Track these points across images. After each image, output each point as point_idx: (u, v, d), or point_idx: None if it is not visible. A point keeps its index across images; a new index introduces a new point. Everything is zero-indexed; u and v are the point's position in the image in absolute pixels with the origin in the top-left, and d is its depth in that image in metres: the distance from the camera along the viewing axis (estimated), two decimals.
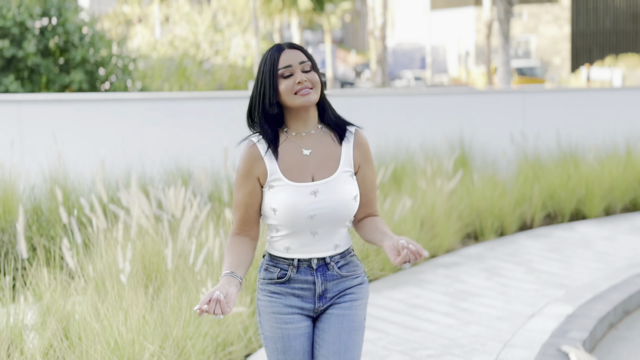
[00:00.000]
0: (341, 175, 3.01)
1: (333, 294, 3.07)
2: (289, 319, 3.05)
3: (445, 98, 11.36)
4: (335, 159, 3.02)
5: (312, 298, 3.06)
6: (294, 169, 2.99)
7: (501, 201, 8.94)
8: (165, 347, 4.41)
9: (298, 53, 2.98)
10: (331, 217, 2.98)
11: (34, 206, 7.35)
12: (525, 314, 6.11)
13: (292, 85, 2.95)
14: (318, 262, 3.04)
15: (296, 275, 3.04)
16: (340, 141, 3.05)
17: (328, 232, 3.02)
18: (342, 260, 3.08)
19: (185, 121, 9.26)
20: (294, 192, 2.96)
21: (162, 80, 29.21)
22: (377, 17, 21.64)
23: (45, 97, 9.03)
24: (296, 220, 2.96)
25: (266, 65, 2.98)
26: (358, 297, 3.09)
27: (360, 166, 3.07)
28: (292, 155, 3.00)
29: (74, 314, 4.63)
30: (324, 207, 2.96)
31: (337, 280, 3.07)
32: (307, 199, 2.95)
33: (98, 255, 5.38)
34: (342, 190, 2.99)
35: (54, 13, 14.14)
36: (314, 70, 2.99)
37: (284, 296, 3.05)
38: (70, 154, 8.31)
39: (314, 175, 3.00)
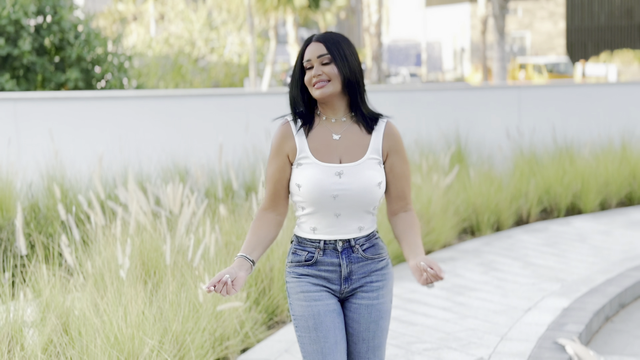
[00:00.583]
0: (367, 161, 3.10)
1: (359, 276, 3.16)
2: (318, 296, 3.14)
3: (441, 94, 11.40)
4: (364, 146, 3.11)
5: (338, 280, 3.16)
6: (323, 149, 3.10)
7: (497, 196, 8.97)
8: (164, 342, 4.44)
9: (320, 46, 3.09)
10: (354, 199, 3.07)
11: (32, 204, 7.37)
12: (522, 308, 6.15)
13: (310, 78, 3.09)
14: (343, 245, 3.13)
15: (322, 257, 3.14)
16: (370, 130, 3.13)
17: (351, 215, 3.10)
18: (367, 242, 3.17)
19: (182, 118, 9.28)
20: (319, 170, 3.07)
21: (158, 78, 29.21)
22: (372, 14, 21.66)
23: (42, 95, 9.04)
24: (319, 198, 3.06)
25: (298, 57, 3.14)
26: (384, 285, 3.19)
27: (389, 155, 3.15)
28: (322, 137, 3.12)
29: (74, 310, 4.65)
30: (347, 188, 3.06)
31: (362, 262, 3.16)
32: (332, 179, 3.06)
33: (97, 251, 5.41)
34: (367, 175, 3.08)
35: (49, 11, 14.14)
36: (335, 63, 3.07)
37: (312, 277, 3.16)
38: (67, 152, 8.33)
39: (341, 158, 3.10)
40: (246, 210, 6.99)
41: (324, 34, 3.14)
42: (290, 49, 33.84)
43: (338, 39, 3.12)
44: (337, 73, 3.08)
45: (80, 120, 8.81)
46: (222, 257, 5.70)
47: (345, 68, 3.08)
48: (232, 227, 6.38)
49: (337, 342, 3.14)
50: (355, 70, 3.12)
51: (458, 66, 51.34)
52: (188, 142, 9.03)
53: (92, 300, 4.62)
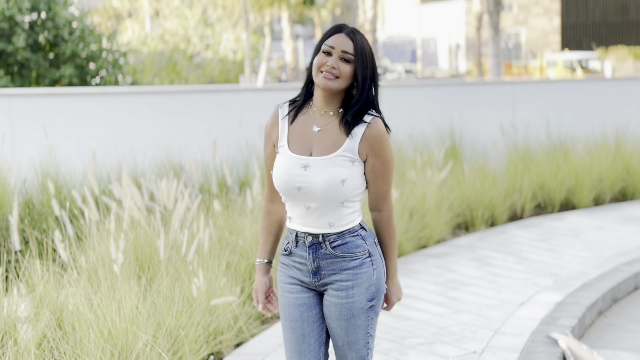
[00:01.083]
0: (337, 157, 3.07)
1: (328, 272, 3.17)
2: (291, 289, 3.23)
3: (436, 90, 11.41)
4: (339, 142, 3.09)
5: (308, 273, 3.20)
6: (299, 141, 3.12)
7: (491, 192, 8.99)
8: (158, 337, 4.45)
9: (348, 42, 3.07)
10: (316, 193, 3.06)
11: (26, 199, 7.36)
12: (515, 302, 6.16)
13: (324, 63, 3.06)
14: (312, 240, 3.14)
15: (295, 249, 3.19)
16: (351, 128, 3.09)
17: (320, 209, 3.10)
18: (339, 239, 3.14)
19: (176, 114, 9.28)
20: (288, 161, 3.10)
21: (153, 74, 29.16)
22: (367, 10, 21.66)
23: (36, 91, 9.03)
24: (285, 188, 3.10)
25: (322, 39, 3.12)
26: (355, 284, 3.15)
27: (368, 156, 3.11)
28: (302, 128, 3.14)
29: (67, 305, 4.66)
30: (309, 182, 3.06)
31: (331, 259, 3.15)
32: (297, 171, 3.08)
33: (90, 246, 5.41)
34: (331, 171, 3.05)
35: (44, 7, 14.11)
36: (354, 65, 3.06)
37: (289, 267, 3.24)
38: (61, 148, 8.32)
39: (312, 151, 3.10)
40: (240, 205, 7.00)
41: (355, 31, 3.11)
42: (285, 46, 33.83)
43: (365, 43, 3.10)
44: (350, 75, 3.07)
45: (74, 116, 8.81)
46: (215, 252, 5.71)
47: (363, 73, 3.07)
48: (226, 222, 6.39)
49: (304, 335, 3.22)
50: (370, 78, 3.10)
51: (453, 62, 51.35)
52: (182, 137, 9.03)
53: (85, 295, 4.62)
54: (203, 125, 9.26)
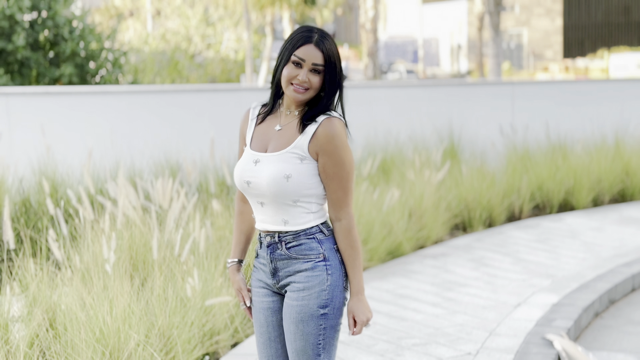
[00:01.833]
0: (286, 154, 3.06)
1: (284, 274, 3.14)
2: (257, 292, 3.24)
3: (435, 90, 11.39)
4: (292, 140, 3.08)
5: (269, 274, 3.18)
6: (260, 138, 3.15)
7: (489, 192, 8.97)
8: (150, 337, 4.43)
9: (318, 54, 3.05)
10: (262, 188, 3.07)
11: (23, 199, 7.35)
12: (511, 304, 6.15)
13: (294, 76, 3.06)
14: (271, 240, 3.14)
15: (260, 250, 3.20)
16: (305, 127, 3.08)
17: (272, 205, 3.09)
18: (295, 240, 3.11)
19: (174, 113, 9.27)
20: (244, 157, 3.15)
21: (154, 74, 29.16)
22: (368, 10, 21.64)
23: (34, 89, 9.02)
24: (238, 182, 3.14)
25: (289, 43, 3.08)
26: (306, 287, 3.08)
27: (319, 155, 3.07)
28: (267, 127, 3.16)
29: (60, 305, 4.64)
30: (257, 176, 3.08)
31: (286, 260, 3.12)
32: (248, 166, 3.11)
33: (85, 246, 5.40)
34: (277, 166, 3.05)
35: (44, 6, 14.11)
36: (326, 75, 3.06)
37: (257, 270, 3.24)
38: (59, 147, 8.31)
39: (268, 148, 3.12)
40: None
41: (322, 37, 3.08)
42: None
43: (334, 49, 3.09)
44: (319, 85, 3.07)
45: (72, 115, 8.80)
46: (213, 252, 5.70)
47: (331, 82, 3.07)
48: (227, 222, 6.38)
49: (270, 340, 3.21)
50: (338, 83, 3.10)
51: (455, 63, 51.31)
52: (181, 137, 9.02)
53: (78, 295, 4.61)
54: (202, 124, 9.25)
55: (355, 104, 10.41)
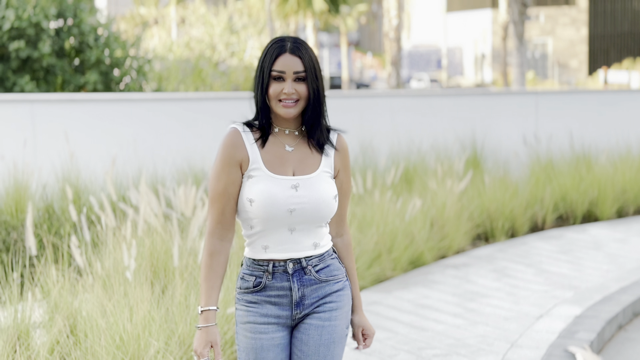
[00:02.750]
0: (321, 174, 2.93)
1: (312, 301, 2.95)
2: (264, 329, 2.93)
3: (458, 99, 11.35)
4: (317, 159, 2.95)
5: (289, 305, 2.94)
6: (275, 161, 2.91)
7: (512, 202, 8.92)
8: (170, 344, 4.44)
9: (296, 61, 2.89)
10: (311, 213, 2.89)
11: (46, 205, 7.40)
12: (534, 315, 6.10)
13: (279, 91, 2.89)
14: (294, 266, 2.93)
15: (271, 282, 2.92)
16: (323, 144, 2.97)
17: (306, 230, 2.92)
18: (321, 263, 2.97)
19: (198, 121, 9.30)
20: (274, 183, 2.88)
21: (178, 81, 29.31)
22: (392, 19, 21.65)
23: (58, 97, 9.09)
24: (274, 213, 2.86)
25: (265, 60, 2.91)
26: (338, 306, 2.98)
27: (339, 171, 3.00)
28: (275, 149, 2.93)
29: (81, 311, 4.66)
30: (304, 202, 2.88)
31: (316, 285, 2.95)
32: (288, 192, 2.87)
33: (106, 253, 5.42)
34: (323, 188, 2.91)
35: (69, 14, 14.23)
36: (308, 80, 2.90)
37: (260, 305, 2.94)
38: (82, 154, 8.36)
39: (295, 171, 2.92)
40: None
41: (296, 43, 2.92)
42: None
43: (311, 54, 2.94)
44: (307, 92, 2.90)
45: (96, 122, 8.85)
46: (236, 260, 5.69)
47: (315, 87, 2.91)
48: None
49: None
50: (321, 88, 2.94)
51: (479, 72, 51.18)
52: (205, 144, 9.04)
53: (99, 302, 4.62)
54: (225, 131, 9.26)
55: (378, 113, 10.40)
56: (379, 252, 7.04)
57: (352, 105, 10.44)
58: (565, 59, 50.53)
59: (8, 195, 7.28)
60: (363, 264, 6.79)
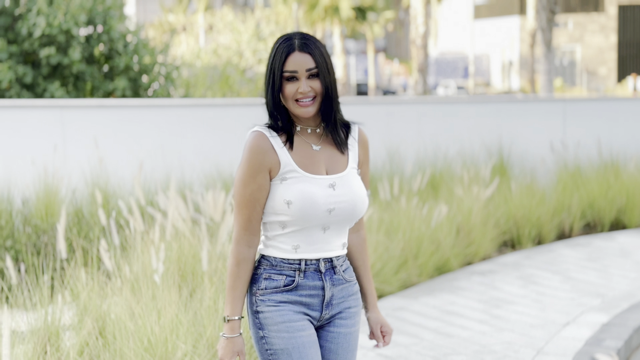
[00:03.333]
0: (351, 171, 2.90)
1: (338, 301, 2.92)
2: (301, 326, 2.85)
3: (485, 106, 11.34)
4: (343, 156, 2.91)
5: (319, 305, 2.89)
6: (307, 162, 2.84)
7: (539, 209, 8.89)
8: (198, 347, 4.48)
9: (307, 58, 2.81)
10: (348, 211, 2.85)
11: (76, 210, 7.49)
12: (560, 322, 6.08)
13: (294, 91, 2.81)
14: (326, 265, 2.88)
15: (303, 280, 2.85)
16: (345, 139, 2.93)
17: (339, 229, 2.88)
18: (345, 263, 2.96)
19: (226, 126, 9.37)
20: (312, 183, 2.81)
21: (206, 88, 29.47)
22: (418, 26, 21.65)
23: (88, 102, 9.19)
24: (313, 213, 2.80)
25: (275, 61, 2.82)
26: (357, 310, 2.98)
27: (361, 164, 2.97)
28: (302, 149, 2.87)
29: (110, 314, 4.72)
30: (342, 200, 2.83)
31: (342, 285, 2.93)
32: (326, 192, 2.82)
33: (135, 256, 5.48)
34: (356, 185, 2.88)
35: (99, 21, 14.37)
36: (321, 77, 2.83)
37: (292, 304, 2.86)
38: (111, 159, 8.45)
39: (327, 169, 2.87)
40: None
41: (304, 39, 2.84)
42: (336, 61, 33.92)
43: (321, 47, 2.86)
44: (321, 88, 2.83)
45: (125, 128, 8.95)
46: None
47: (328, 82, 2.84)
48: None
49: None
50: (334, 82, 2.87)
51: (506, 79, 50.98)
52: (233, 150, 9.11)
53: (127, 305, 4.68)
54: None
55: (405, 119, 10.41)
56: (405, 258, 7.06)
57: (377, 111, 10.46)
58: (594, 66, 50.19)
59: (38, 200, 7.38)
60: (389, 270, 6.81)
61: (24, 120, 8.62)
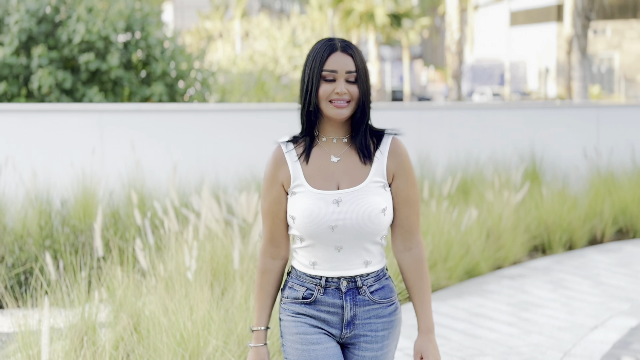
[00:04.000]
0: (370, 185, 2.75)
1: (363, 321, 2.81)
2: (316, 339, 2.79)
3: (517, 112, 11.37)
4: (366, 168, 2.77)
5: (339, 324, 2.80)
6: (318, 175, 2.76)
7: (570, 215, 8.91)
8: (229, 343, 4.60)
9: (348, 60, 2.75)
10: (354, 230, 2.72)
11: (113, 211, 7.68)
12: (588, 326, 6.12)
13: (330, 92, 2.73)
14: (348, 285, 2.77)
15: (323, 296, 2.78)
16: (374, 150, 2.79)
17: (354, 248, 2.76)
18: (377, 283, 2.81)
19: (260, 131, 9.52)
20: (315, 199, 2.73)
21: (241, 94, 29.74)
22: (453, 32, 21.70)
23: (125, 107, 9.40)
24: (316, 230, 2.72)
25: (314, 60, 2.76)
26: (389, 334, 2.84)
27: (394, 177, 2.79)
28: (318, 161, 2.78)
29: (145, 310, 4.87)
30: (346, 217, 2.71)
31: (369, 306, 2.80)
32: (329, 208, 2.72)
33: (169, 256, 5.63)
34: (368, 201, 2.73)
35: (137, 28, 14.63)
36: (359, 82, 2.75)
37: (310, 317, 2.81)
38: (147, 162, 8.64)
39: (339, 184, 2.76)
40: None
41: (348, 43, 2.78)
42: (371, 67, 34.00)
43: (360, 54, 2.79)
44: (358, 93, 2.75)
45: (160, 132, 9.13)
46: None
47: (366, 88, 2.77)
48: None
49: None
50: (370, 90, 2.79)
51: (542, 86, 50.70)
52: (266, 154, 9.25)
53: (161, 302, 4.82)
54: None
55: (436, 125, 10.49)
56: (435, 261, 7.13)
57: (410, 117, 10.55)
58: (632, 74, 49.73)
59: (77, 202, 7.58)
60: None
61: (63, 124, 8.85)
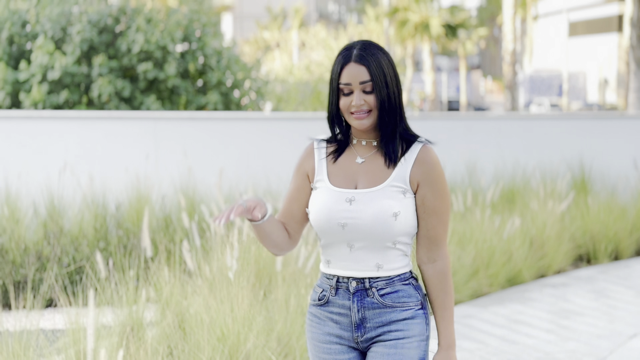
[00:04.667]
0: (387, 188, 2.74)
1: (374, 325, 2.77)
2: (327, 349, 2.81)
3: (567, 122, 11.38)
4: (388, 171, 2.76)
5: (349, 326, 2.79)
6: (341, 174, 2.79)
7: (617, 225, 8.92)
8: (269, 340, 4.79)
9: (362, 70, 2.72)
10: (364, 230, 2.72)
11: (165, 215, 7.95)
12: (627, 334, 6.16)
13: (349, 104, 2.75)
14: (357, 285, 2.76)
15: (334, 297, 2.79)
16: (399, 155, 2.77)
17: (367, 249, 2.75)
18: (388, 287, 2.76)
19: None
20: (329, 196, 2.76)
21: (297, 103, 30.04)
22: (508, 43, 21.68)
23: (179, 114, 9.69)
24: (326, 226, 2.75)
25: (332, 73, 2.79)
26: (406, 335, 2.75)
27: (419, 185, 2.76)
28: (344, 161, 2.82)
29: (189, 309, 5.09)
30: (356, 217, 2.71)
31: (379, 309, 2.76)
32: (341, 206, 2.73)
33: (214, 258, 5.85)
34: (380, 203, 2.71)
35: (194, 38, 14.99)
36: (376, 90, 2.73)
37: (323, 321, 2.83)
38: (199, 168, 8.91)
39: (357, 184, 2.77)
40: None
41: (363, 49, 2.75)
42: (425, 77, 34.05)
43: (380, 58, 2.74)
44: (376, 101, 2.73)
45: (213, 139, 9.40)
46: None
47: (385, 95, 2.73)
48: None
49: None
50: (395, 94, 2.75)
51: (602, 97, 50.06)
52: None
53: (205, 301, 5.03)
54: None
55: (484, 134, 10.57)
56: (477, 268, 7.24)
57: (458, 127, 10.65)
58: None
59: (130, 206, 7.88)
60: (460, 279, 7.00)
61: (119, 131, 9.17)
